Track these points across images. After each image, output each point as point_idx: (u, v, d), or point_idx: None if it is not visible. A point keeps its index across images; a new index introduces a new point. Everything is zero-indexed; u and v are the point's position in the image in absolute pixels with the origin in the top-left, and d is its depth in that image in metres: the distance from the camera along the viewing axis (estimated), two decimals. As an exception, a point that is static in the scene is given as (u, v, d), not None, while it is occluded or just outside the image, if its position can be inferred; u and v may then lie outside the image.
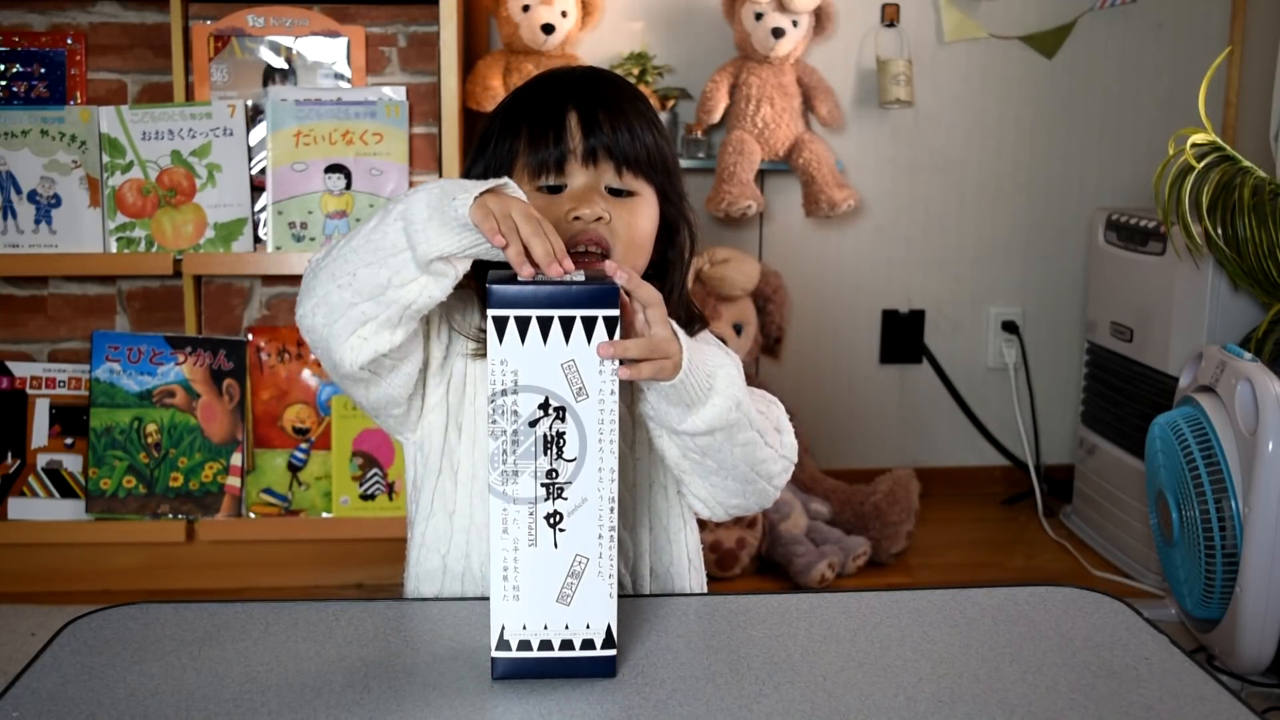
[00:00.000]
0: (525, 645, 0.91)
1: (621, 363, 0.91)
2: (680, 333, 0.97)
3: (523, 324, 0.87)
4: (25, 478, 2.48)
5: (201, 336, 2.50)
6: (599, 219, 1.07)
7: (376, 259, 0.96)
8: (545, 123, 1.09)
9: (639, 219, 1.10)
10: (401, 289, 0.96)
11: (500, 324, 0.87)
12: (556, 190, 1.09)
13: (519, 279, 0.89)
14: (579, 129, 1.09)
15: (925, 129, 2.98)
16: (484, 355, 1.12)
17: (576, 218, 1.07)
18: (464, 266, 0.97)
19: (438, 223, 0.94)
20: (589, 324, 0.87)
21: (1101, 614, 1.04)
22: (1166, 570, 2.21)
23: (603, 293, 0.88)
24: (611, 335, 0.88)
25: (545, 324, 0.87)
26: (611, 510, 0.90)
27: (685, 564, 1.17)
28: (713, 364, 1.00)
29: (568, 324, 0.87)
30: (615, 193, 1.10)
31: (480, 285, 1.14)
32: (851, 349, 3.06)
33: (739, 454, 1.04)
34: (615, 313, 0.87)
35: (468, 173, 1.15)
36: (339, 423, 2.49)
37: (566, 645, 0.91)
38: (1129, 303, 2.62)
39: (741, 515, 1.13)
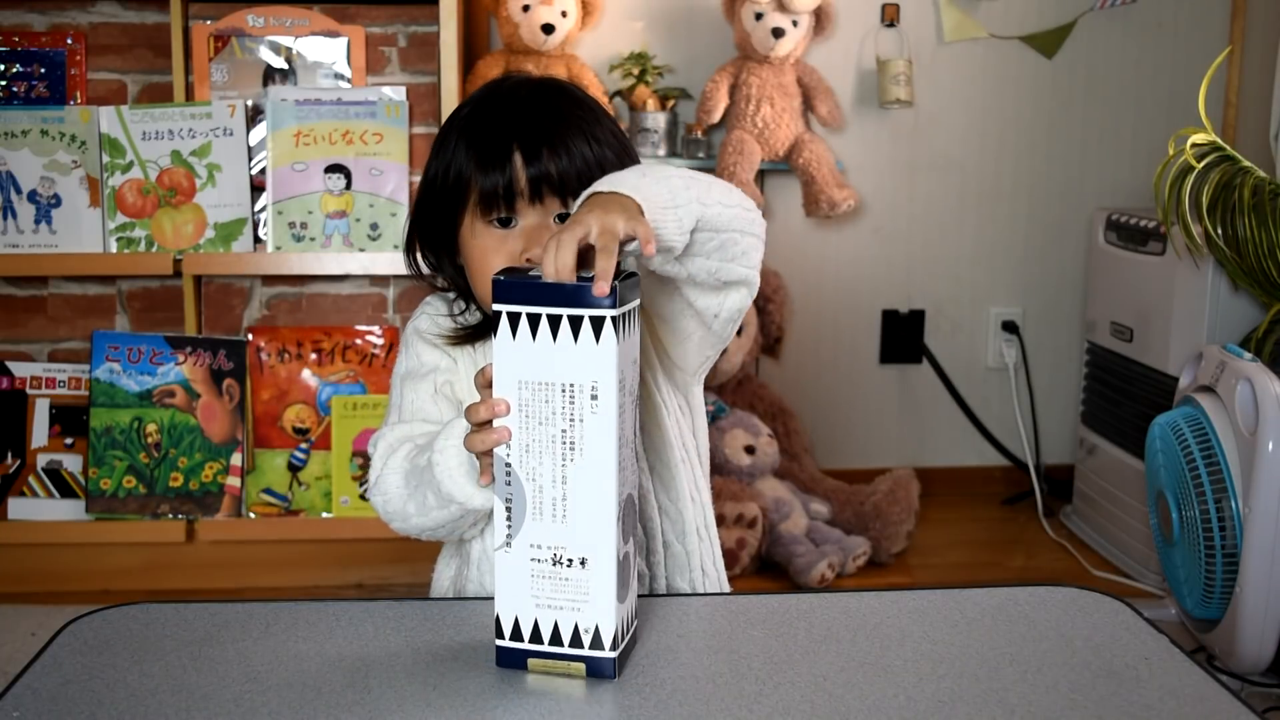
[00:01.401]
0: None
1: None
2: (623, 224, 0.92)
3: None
4: (25, 478, 2.48)
5: (201, 336, 2.50)
6: None
7: (446, 512, 1.07)
8: (490, 164, 1.11)
9: None
10: (473, 525, 1.13)
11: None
12: (508, 222, 1.12)
13: (530, 274, 0.89)
14: (522, 169, 1.10)
15: (925, 129, 2.98)
16: (457, 342, 1.19)
17: (529, 259, 1.10)
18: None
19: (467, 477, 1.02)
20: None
21: (1101, 614, 1.04)
22: (1166, 570, 2.21)
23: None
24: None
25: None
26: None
27: (680, 462, 1.19)
28: (665, 198, 0.96)
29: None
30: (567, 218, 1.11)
31: (458, 287, 1.20)
32: (851, 349, 3.06)
33: (729, 223, 1.02)
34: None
35: (422, 194, 1.18)
36: (339, 423, 2.49)
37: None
38: (1129, 303, 2.62)
39: (734, 286, 1.08)
